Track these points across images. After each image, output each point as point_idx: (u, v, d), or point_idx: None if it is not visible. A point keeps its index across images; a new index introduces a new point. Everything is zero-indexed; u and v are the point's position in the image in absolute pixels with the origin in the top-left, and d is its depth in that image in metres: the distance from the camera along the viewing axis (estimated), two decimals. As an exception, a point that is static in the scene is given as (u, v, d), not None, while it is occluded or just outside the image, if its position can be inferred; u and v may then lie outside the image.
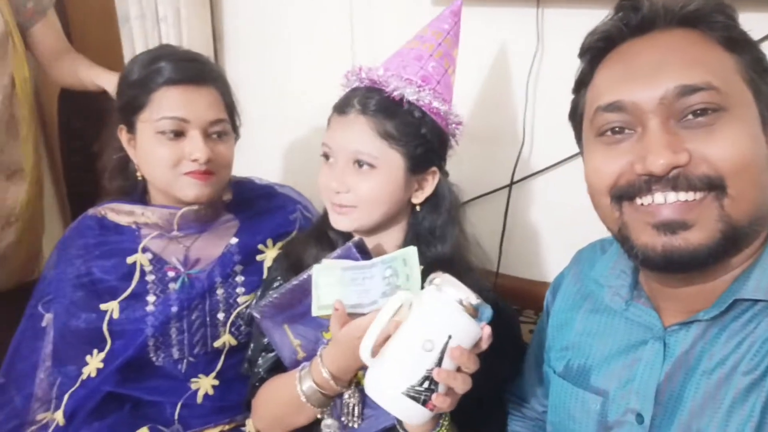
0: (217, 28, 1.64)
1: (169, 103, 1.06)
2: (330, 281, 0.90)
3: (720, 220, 0.66)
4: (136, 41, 1.58)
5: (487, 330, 0.76)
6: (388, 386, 0.74)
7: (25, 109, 1.46)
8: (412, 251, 0.88)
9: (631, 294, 0.81)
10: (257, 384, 1.04)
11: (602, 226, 0.85)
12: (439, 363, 0.73)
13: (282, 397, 0.97)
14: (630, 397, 0.75)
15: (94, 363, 1.09)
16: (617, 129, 0.72)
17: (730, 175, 0.65)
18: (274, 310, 0.99)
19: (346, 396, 0.94)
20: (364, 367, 0.81)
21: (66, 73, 1.55)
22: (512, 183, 1.34)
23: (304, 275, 0.96)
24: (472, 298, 0.75)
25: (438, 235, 1.01)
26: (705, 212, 0.67)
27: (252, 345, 1.09)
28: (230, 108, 1.15)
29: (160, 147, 1.07)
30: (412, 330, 0.75)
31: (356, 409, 0.94)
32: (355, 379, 0.93)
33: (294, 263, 1.04)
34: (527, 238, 1.37)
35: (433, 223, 1.01)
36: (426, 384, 0.73)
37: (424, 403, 0.73)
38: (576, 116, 0.82)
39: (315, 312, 0.90)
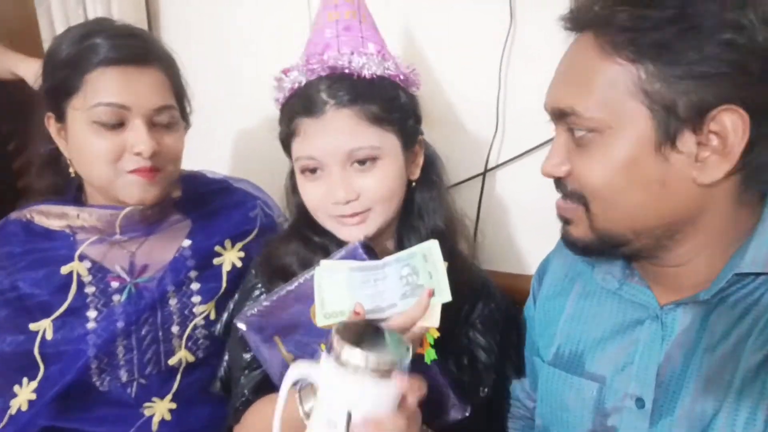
0: (151, 4, 1.48)
1: (105, 87, 0.93)
2: (336, 285, 0.79)
3: (590, 228, 0.71)
4: (56, 21, 1.42)
5: (404, 383, 0.63)
6: None
7: None
8: (435, 246, 0.79)
9: (623, 273, 0.79)
10: (241, 408, 0.92)
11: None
12: None
13: None
14: (629, 381, 0.74)
15: (24, 394, 0.96)
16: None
17: (590, 197, 0.69)
18: (264, 321, 0.87)
19: None
20: None
21: None
22: (486, 171, 1.27)
23: (300, 279, 0.85)
24: (378, 356, 0.62)
25: (432, 208, 0.95)
26: (577, 215, 0.72)
27: (228, 362, 0.98)
28: (179, 92, 1.03)
29: (97, 139, 0.94)
30: (316, 410, 0.66)
31: None
32: None
33: (278, 269, 0.93)
34: (503, 229, 1.31)
35: (427, 195, 0.95)
36: None
37: None
38: None
39: (320, 321, 0.78)
